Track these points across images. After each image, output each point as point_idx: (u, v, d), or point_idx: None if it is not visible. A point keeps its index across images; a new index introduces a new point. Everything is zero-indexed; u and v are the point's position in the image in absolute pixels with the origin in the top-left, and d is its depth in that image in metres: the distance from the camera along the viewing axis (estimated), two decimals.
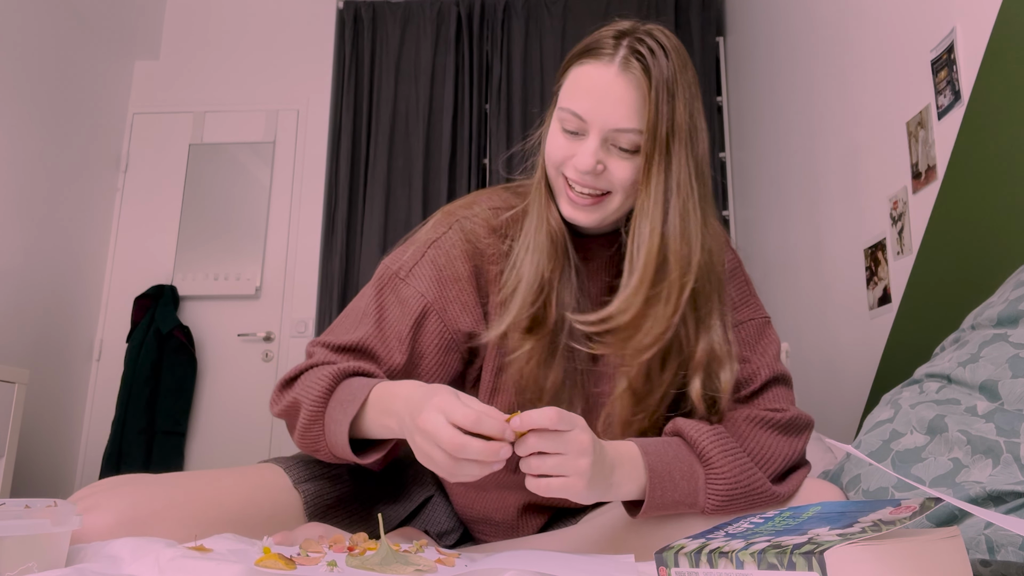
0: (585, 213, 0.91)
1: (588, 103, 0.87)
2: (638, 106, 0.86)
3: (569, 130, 0.89)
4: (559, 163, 0.91)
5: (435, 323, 0.94)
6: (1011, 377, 0.95)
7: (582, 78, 0.88)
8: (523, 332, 0.92)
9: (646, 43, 0.87)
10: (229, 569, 0.60)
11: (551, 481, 0.73)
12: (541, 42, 3.62)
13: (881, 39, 2.07)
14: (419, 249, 0.97)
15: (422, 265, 0.96)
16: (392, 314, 0.94)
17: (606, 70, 0.86)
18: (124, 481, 0.83)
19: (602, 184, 0.89)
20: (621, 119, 0.86)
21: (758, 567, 0.50)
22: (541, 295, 0.92)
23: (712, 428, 0.88)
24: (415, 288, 0.94)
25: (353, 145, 3.55)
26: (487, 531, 1.05)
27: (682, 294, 0.87)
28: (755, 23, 3.20)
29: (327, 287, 3.44)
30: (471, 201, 1.02)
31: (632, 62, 0.86)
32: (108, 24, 3.47)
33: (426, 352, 0.94)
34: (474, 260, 0.96)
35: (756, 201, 3.15)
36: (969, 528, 0.82)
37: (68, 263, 3.23)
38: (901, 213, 1.94)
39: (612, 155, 0.88)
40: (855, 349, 2.20)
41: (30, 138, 2.97)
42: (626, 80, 0.85)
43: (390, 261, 0.99)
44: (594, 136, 0.87)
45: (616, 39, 0.88)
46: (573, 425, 0.73)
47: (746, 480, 0.86)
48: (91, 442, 3.29)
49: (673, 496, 0.83)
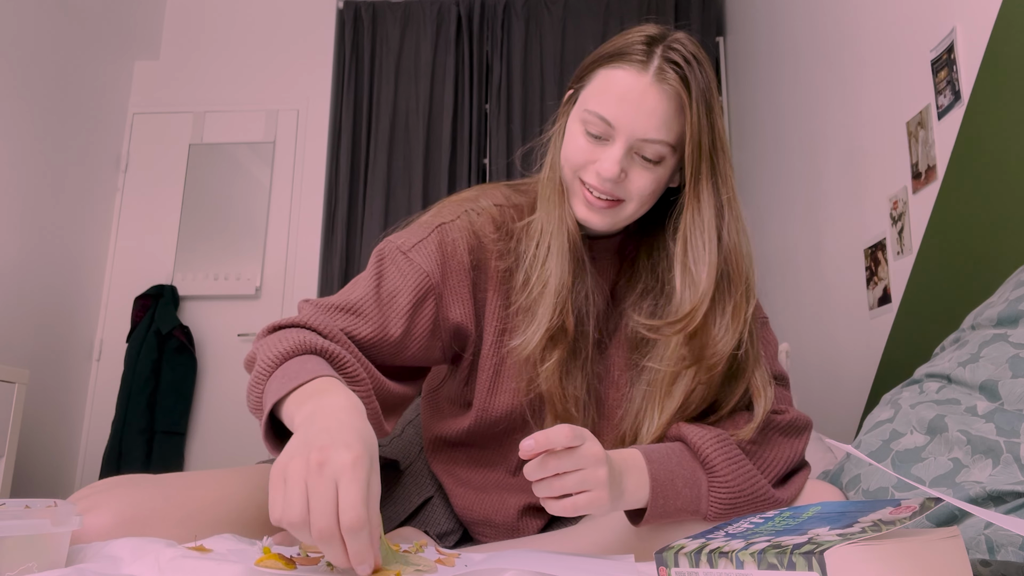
0: (599, 216, 0.90)
1: (619, 110, 0.85)
2: (669, 118, 0.85)
3: (593, 134, 0.88)
4: (579, 166, 0.89)
5: (431, 306, 0.91)
6: (1011, 377, 0.95)
7: (614, 83, 0.86)
8: (547, 342, 0.90)
9: (680, 52, 0.86)
10: (229, 569, 0.60)
11: (576, 499, 0.72)
12: (541, 42, 3.62)
13: (881, 39, 2.07)
14: (426, 229, 0.95)
15: (428, 243, 0.93)
16: (394, 284, 0.90)
17: (640, 78, 0.85)
18: (124, 481, 0.83)
19: (619, 192, 0.89)
20: (651, 130, 0.85)
21: (758, 567, 0.50)
22: (564, 302, 0.91)
23: (715, 434, 0.87)
24: (419, 265, 0.91)
25: (353, 145, 3.55)
26: (487, 532, 1.05)
27: (748, 308, 0.89)
28: (755, 23, 3.20)
29: (327, 287, 3.44)
30: (476, 195, 1.00)
31: (668, 72, 0.85)
32: (108, 24, 3.47)
33: (417, 332, 0.91)
34: (476, 254, 0.95)
35: (756, 201, 3.15)
36: (969, 528, 0.82)
37: (68, 263, 3.24)
38: (901, 213, 1.94)
39: (635, 164, 0.88)
40: (855, 349, 2.20)
41: (30, 138, 2.97)
42: (660, 91, 0.85)
43: (394, 237, 0.96)
44: (620, 143, 0.86)
45: (648, 45, 0.86)
46: (584, 438, 0.72)
47: (749, 487, 0.85)
48: (91, 442, 3.29)
49: (676, 504, 0.83)
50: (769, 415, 0.92)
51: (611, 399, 0.97)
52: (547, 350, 0.90)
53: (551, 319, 0.89)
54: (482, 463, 1.04)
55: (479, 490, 1.03)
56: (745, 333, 0.89)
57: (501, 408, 0.96)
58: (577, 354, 0.93)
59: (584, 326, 0.93)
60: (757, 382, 0.91)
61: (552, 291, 0.90)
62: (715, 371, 0.88)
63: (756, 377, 0.91)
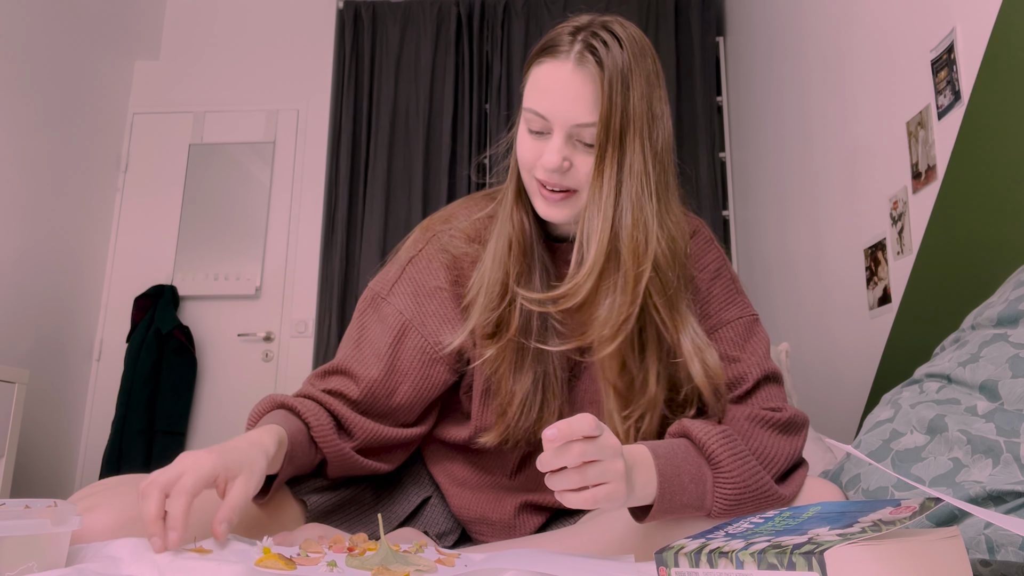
0: (558, 209, 0.91)
1: (548, 101, 0.87)
2: (596, 99, 0.86)
3: (535, 130, 0.90)
4: (531, 165, 0.91)
5: (415, 339, 0.96)
6: (1011, 377, 0.95)
7: (541, 77, 0.88)
8: (486, 337, 0.93)
9: (600, 36, 0.87)
10: (229, 569, 0.60)
11: (596, 491, 0.71)
12: None
13: (881, 39, 2.07)
14: (399, 268, 1.00)
15: (401, 283, 0.99)
16: (372, 332, 0.97)
17: (562, 67, 0.86)
18: (124, 481, 0.83)
19: (568, 182, 0.89)
20: (580, 114, 0.86)
21: (758, 567, 0.50)
22: (504, 300, 0.93)
23: (720, 429, 0.87)
24: (394, 306, 0.97)
25: (353, 145, 3.55)
26: (484, 531, 1.05)
27: (639, 283, 0.87)
28: (755, 23, 3.20)
29: (327, 287, 3.44)
30: (449, 214, 1.04)
31: (586, 56, 0.86)
32: (108, 24, 3.47)
33: (409, 369, 0.96)
34: (454, 271, 0.98)
35: (756, 201, 3.15)
36: (969, 528, 0.82)
37: (68, 263, 3.24)
38: (901, 213, 1.94)
39: (577, 151, 0.89)
40: (855, 349, 2.20)
41: (30, 138, 2.97)
42: (582, 75, 0.86)
43: (374, 283, 1.02)
44: (558, 134, 0.87)
45: (572, 35, 0.88)
46: (602, 429, 0.71)
47: (754, 483, 0.85)
48: (91, 442, 3.29)
49: (682, 500, 0.82)
50: (767, 412, 0.92)
51: (586, 399, 0.98)
52: (480, 348, 0.93)
53: (480, 316, 0.92)
54: (480, 467, 1.04)
55: (476, 489, 1.03)
56: (635, 307, 0.87)
57: (494, 412, 0.97)
58: (524, 352, 0.94)
59: (530, 323, 0.94)
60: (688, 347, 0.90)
61: (485, 290, 0.93)
62: (605, 345, 0.88)
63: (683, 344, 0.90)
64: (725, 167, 3.48)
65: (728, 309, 0.99)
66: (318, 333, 3.38)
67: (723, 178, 3.47)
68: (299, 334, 3.41)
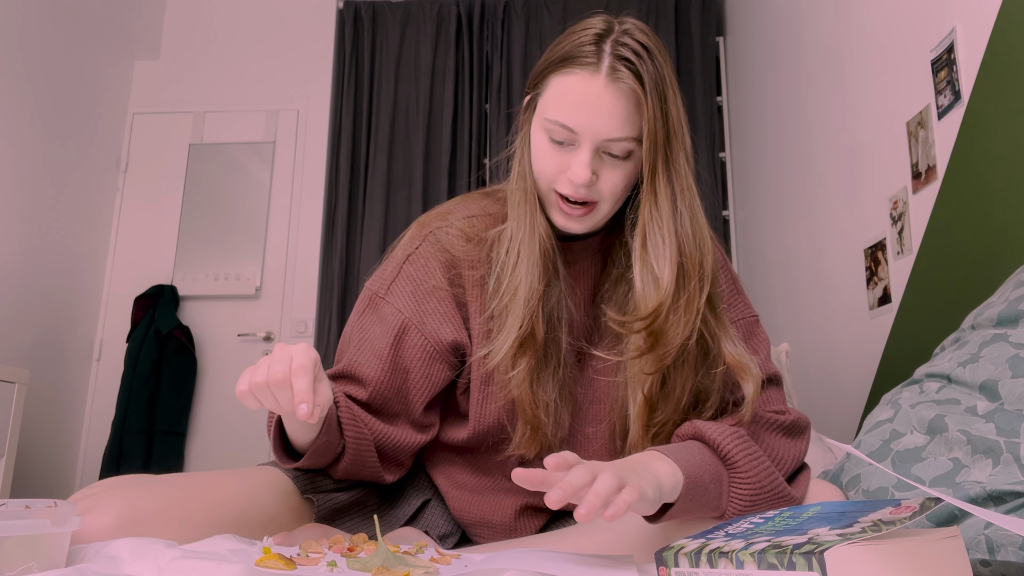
0: (578, 223, 0.91)
1: (579, 116, 0.86)
2: (629, 113, 0.85)
3: (557, 140, 0.88)
4: (551, 177, 0.90)
5: (416, 337, 0.95)
6: (1011, 377, 0.95)
7: (569, 89, 0.86)
8: (516, 350, 0.91)
9: (629, 46, 0.85)
10: (229, 569, 0.60)
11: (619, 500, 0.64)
12: (541, 42, 3.62)
13: (881, 39, 2.07)
14: (396, 266, 0.99)
15: (399, 282, 0.98)
16: (372, 334, 0.96)
17: (593, 80, 0.85)
18: (124, 481, 0.83)
19: (592, 195, 0.89)
20: (614, 129, 0.85)
21: (758, 567, 0.50)
22: (534, 310, 0.91)
23: (733, 430, 0.86)
24: (393, 305, 0.97)
25: (353, 145, 3.55)
26: (485, 533, 1.05)
27: (701, 298, 0.87)
28: (755, 23, 3.20)
29: (327, 287, 3.44)
30: (446, 211, 1.02)
31: (620, 70, 0.84)
32: (108, 24, 3.47)
33: (411, 367, 0.95)
34: (451, 269, 0.97)
35: (756, 201, 3.15)
36: (969, 528, 0.82)
37: (68, 263, 3.24)
38: (901, 213, 1.94)
39: (604, 163, 0.88)
40: (855, 349, 2.20)
41: (30, 138, 2.97)
42: (616, 90, 0.84)
43: (371, 282, 1.01)
44: (586, 147, 0.86)
45: (596, 44, 0.86)
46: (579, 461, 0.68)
47: (769, 484, 0.84)
48: (91, 442, 3.29)
49: (702, 500, 0.81)
50: (772, 415, 0.92)
51: (587, 398, 0.97)
52: (516, 357, 0.91)
53: (520, 327, 0.90)
54: (479, 469, 1.04)
55: (475, 492, 1.03)
56: (698, 321, 0.87)
57: (493, 416, 0.97)
58: (548, 359, 0.93)
59: (555, 332, 0.93)
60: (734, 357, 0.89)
61: (522, 299, 0.90)
62: (664, 362, 0.87)
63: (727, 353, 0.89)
64: (725, 167, 3.48)
65: (728, 310, 0.98)
66: (318, 333, 3.38)
67: (723, 178, 3.47)
68: (299, 334, 3.41)
